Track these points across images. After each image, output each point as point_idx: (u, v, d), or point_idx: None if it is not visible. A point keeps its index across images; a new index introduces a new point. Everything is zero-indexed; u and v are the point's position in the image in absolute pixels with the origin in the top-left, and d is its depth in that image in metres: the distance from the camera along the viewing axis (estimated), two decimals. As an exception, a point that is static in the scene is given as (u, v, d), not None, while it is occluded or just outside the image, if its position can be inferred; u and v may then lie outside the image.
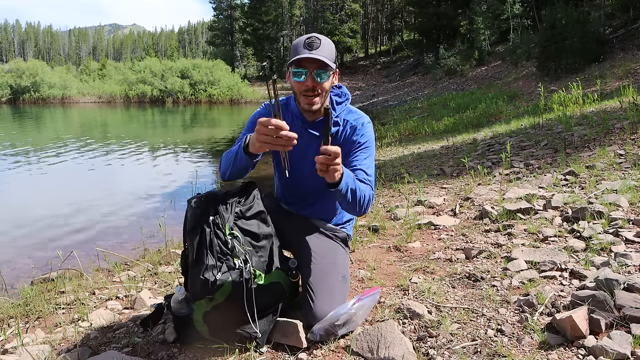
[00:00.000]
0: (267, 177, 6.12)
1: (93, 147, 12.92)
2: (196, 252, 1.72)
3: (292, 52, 1.83)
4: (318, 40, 1.80)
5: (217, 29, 54.41)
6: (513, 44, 23.22)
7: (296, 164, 1.93)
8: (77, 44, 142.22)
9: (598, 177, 3.79)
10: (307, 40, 1.80)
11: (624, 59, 13.99)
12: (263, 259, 1.80)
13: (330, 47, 1.84)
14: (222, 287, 1.68)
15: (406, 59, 41.51)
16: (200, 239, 1.71)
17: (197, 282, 1.69)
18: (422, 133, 11.52)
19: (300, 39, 1.82)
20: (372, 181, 1.91)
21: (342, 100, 2.01)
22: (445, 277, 2.29)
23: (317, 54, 1.78)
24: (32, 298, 2.73)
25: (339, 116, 1.98)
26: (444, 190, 4.45)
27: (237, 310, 1.72)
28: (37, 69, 38.01)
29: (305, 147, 1.93)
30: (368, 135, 1.98)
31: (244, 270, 1.69)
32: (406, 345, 1.65)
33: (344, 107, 2.00)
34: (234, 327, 1.75)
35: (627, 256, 2.16)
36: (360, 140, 1.96)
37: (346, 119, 1.99)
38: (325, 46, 1.81)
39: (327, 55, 1.80)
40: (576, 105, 7.53)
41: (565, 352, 1.56)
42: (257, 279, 1.75)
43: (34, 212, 6.26)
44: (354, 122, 1.98)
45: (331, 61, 1.81)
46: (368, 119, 2.03)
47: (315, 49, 1.78)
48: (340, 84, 2.08)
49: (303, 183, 2.03)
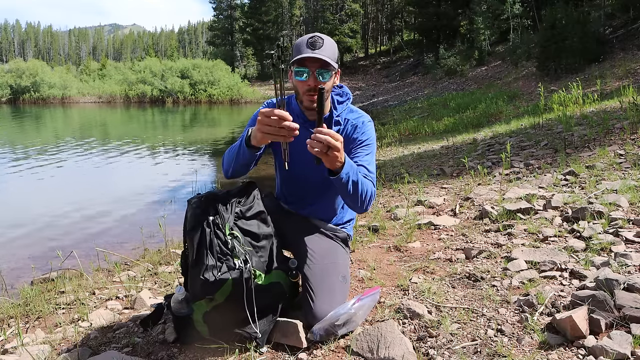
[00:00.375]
0: (267, 177, 6.13)
1: (93, 147, 12.92)
2: (196, 252, 1.72)
3: (294, 51, 1.84)
4: (321, 39, 1.81)
5: (217, 29, 54.42)
6: (513, 44, 23.22)
7: (296, 160, 1.92)
8: (77, 44, 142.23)
9: (598, 177, 3.79)
10: (310, 40, 1.81)
11: (624, 59, 13.99)
12: (263, 259, 1.80)
13: (333, 47, 1.84)
14: (222, 287, 1.68)
15: (406, 59, 41.50)
16: (200, 239, 1.72)
17: (197, 282, 1.69)
18: (422, 133, 11.52)
19: (303, 38, 1.83)
20: (373, 178, 1.91)
21: (344, 100, 2.02)
22: (445, 277, 2.29)
23: (319, 53, 1.78)
24: (32, 298, 2.73)
25: (340, 115, 1.99)
26: (444, 190, 4.45)
27: (237, 311, 1.72)
28: (37, 69, 38.01)
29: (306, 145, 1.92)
30: (369, 133, 1.99)
31: (244, 270, 1.69)
32: (406, 345, 1.65)
33: (345, 106, 2.01)
34: (234, 327, 1.75)
35: (627, 256, 2.16)
36: (361, 138, 1.97)
37: (347, 117, 2.01)
38: (328, 46, 1.82)
39: (330, 55, 1.81)
40: (576, 105, 7.53)
41: (565, 352, 1.56)
42: (257, 279, 1.75)
43: (34, 212, 6.26)
44: (354, 120, 2.00)
45: (333, 61, 1.82)
46: (369, 117, 2.04)
47: (318, 49, 1.79)
48: (341, 83, 2.09)
49: (302, 180, 2.05)
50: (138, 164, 10.59)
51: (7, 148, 12.96)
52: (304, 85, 1.85)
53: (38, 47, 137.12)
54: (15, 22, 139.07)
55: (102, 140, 14.95)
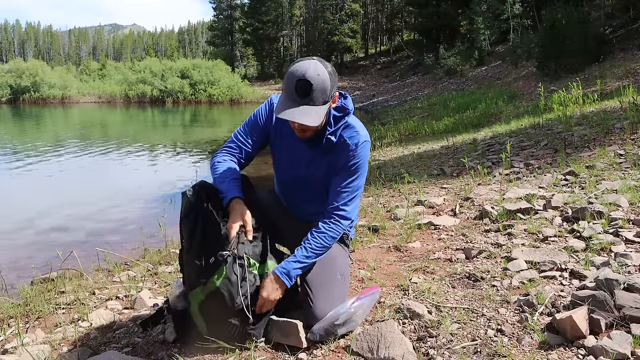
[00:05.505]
0: (268, 177, 6.12)
1: (93, 147, 12.91)
2: (190, 238, 1.76)
3: (285, 85, 1.74)
4: (309, 85, 1.67)
5: (217, 29, 54.39)
6: (513, 44, 23.20)
7: (291, 167, 2.00)
8: (77, 44, 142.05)
9: (598, 177, 3.79)
10: (297, 84, 1.68)
11: (624, 59, 13.98)
12: (257, 249, 1.83)
13: (322, 88, 1.70)
14: (216, 272, 1.71)
15: (406, 59, 41.49)
16: (194, 224, 1.76)
17: (193, 268, 1.73)
18: (422, 133, 11.51)
19: (293, 75, 1.69)
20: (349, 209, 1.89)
21: (340, 115, 1.90)
22: (445, 277, 2.29)
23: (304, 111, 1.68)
24: (32, 298, 2.73)
25: (335, 133, 1.90)
26: (444, 190, 4.45)
27: (232, 299, 1.72)
28: (37, 69, 37.93)
29: (293, 152, 1.97)
30: (360, 156, 1.89)
31: (236, 256, 1.72)
32: (406, 345, 1.65)
33: (341, 122, 1.91)
34: (229, 317, 1.75)
35: (627, 256, 2.16)
36: (350, 162, 1.89)
37: (342, 135, 1.91)
38: (317, 89, 1.69)
39: (319, 99, 1.70)
40: (576, 105, 7.51)
41: (565, 352, 1.56)
42: (252, 268, 1.78)
43: (34, 212, 6.26)
44: (349, 140, 1.89)
45: (323, 102, 1.72)
46: (364, 137, 1.92)
47: (306, 97, 1.68)
48: (340, 83, 2.06)
49: (297, 184, 2.05)
50: (138, 164, 10.58)
51: (7, 148, 12.95)
52: (292, 124, 1.82)
53: (38, 47, 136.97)
54: (15, 22, 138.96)
55: (102, 140, 14.94)
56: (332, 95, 1.77)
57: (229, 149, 2.01)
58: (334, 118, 1.90)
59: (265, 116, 2.00)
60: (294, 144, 1.95)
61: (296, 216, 2.11)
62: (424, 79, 31.02)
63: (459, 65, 26.69)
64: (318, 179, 1.96)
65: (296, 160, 1.98)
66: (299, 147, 1.94)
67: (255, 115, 2.02)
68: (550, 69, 16.17)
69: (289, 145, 1.97)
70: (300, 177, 2.00)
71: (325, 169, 1.93)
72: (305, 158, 1.95)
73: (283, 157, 2.03)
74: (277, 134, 1.99)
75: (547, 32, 16.49)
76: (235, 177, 1.90)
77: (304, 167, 1.97)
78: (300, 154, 1.95)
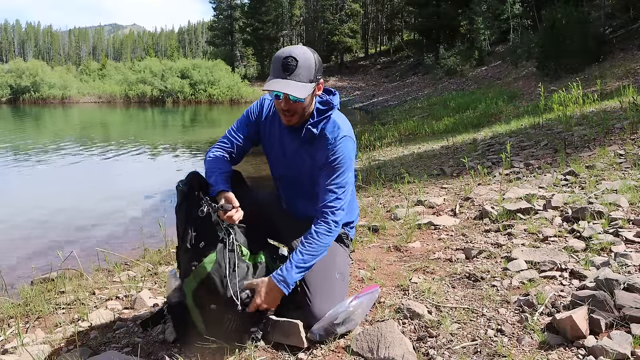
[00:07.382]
0: (268, 177, 6.12)
1: (93, 147, 12.92)
2: (184, 225, 1.82)
3: (271, 67, 1.80)
4: (294, 61, 1.74)
5: (217, 29, 54.38)
6: (513, 44, 23.21)
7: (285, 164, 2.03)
8: (77, 44, 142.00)
9: (598, 177, 3.79)
10: (284, 61, 1.75)
11: (624, 59, 13.98)
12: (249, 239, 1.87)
13: (307, 65, 1.77)
14: (207, 256, 1.75)
15: (406, 59, 41.48)
16: (186, 212, 1.82)
17: (186, 254, 1.77)
18: (422, 133, 11.51)
19: (279, 56, 1.78)
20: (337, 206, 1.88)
21: (325, 109, 1.91)
22: (445, 277, 2.29)
23: (289, 84, 1.73)
24: (32, 298, 2.73)
25: (317, 125, 1.90)
26: (444, 190, 4.45)
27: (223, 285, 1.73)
28: (37, 69, 37.94)
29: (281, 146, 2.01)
30: (340, 151, 1.88)
31: (227, 241, 1.76)
32: (406, 345, 1.65)
33: (325, 117, 1.91)
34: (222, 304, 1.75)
35: (627, 256, 2.16)
36: (330, 157, 1.88)
37: (323, 128, 1.91)
38: (303, 66, 1.75)
39: (304, 76, 1.75)
40: (576, 105, 7.51)
41: (565, 352, 1.56)
42: (245, 257, 1.82)
43: (34, 212, 6.26)
44: (329, 134, 1.90)
45: (308, 80, 1.77)
46: (347, 132, 1.91)
47: (290, 73, 1.74)
48: (340, 83, 2.08)
49: (292, 182, 2.07)
50: (138, 163, 10.58)
51: (7, 148, 12.95)
52: (278, 104, 1.85)
53: (38, 47, 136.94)
54: (15, 22, 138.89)
55: (102, 140, 14.95)
56: (317, 78, 1.82)
57: (222, 144, 2.06)
58: (317, 111, 1.92)
59: (256, 113, 2.06)
60: (282, 139, 1.99)
61: (293, 215, 2.12)
62: (424, 79, 31.03)
63: (459, 65, 26.69)
64: (305, 174, 1.98)
65: (284, 155, 2.02)
66: (287, 142, 1.98)
67: (247, 112, 2.09)
68: (550, 69, 16.18)
69: (279, 141, 2.01)
70: (289, 173, 2.04)
71: (310, 163, 1.95)
72: (292, 152, 1.99)
73: (273, 152, 2.06)
74: (267, 130, 2.04)
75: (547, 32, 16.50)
76: (224, 171, 1.94)
77: (291, 161, 2.00)
78: (288, 148, 1.99)
